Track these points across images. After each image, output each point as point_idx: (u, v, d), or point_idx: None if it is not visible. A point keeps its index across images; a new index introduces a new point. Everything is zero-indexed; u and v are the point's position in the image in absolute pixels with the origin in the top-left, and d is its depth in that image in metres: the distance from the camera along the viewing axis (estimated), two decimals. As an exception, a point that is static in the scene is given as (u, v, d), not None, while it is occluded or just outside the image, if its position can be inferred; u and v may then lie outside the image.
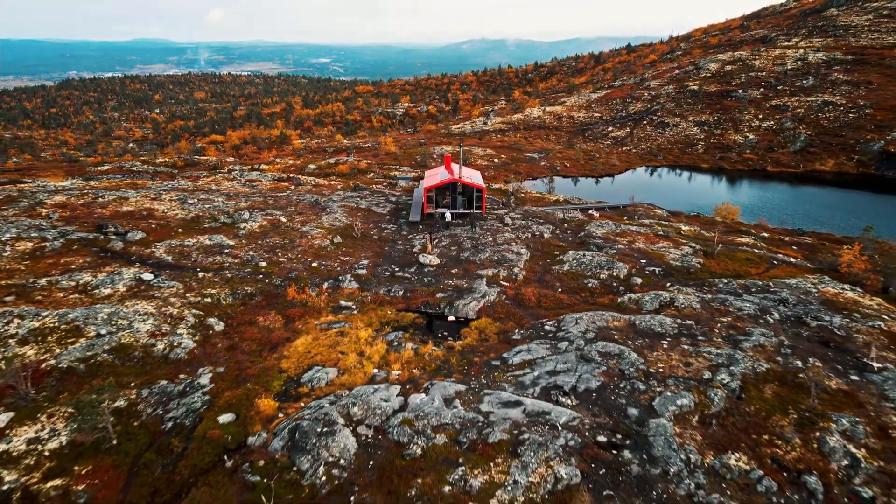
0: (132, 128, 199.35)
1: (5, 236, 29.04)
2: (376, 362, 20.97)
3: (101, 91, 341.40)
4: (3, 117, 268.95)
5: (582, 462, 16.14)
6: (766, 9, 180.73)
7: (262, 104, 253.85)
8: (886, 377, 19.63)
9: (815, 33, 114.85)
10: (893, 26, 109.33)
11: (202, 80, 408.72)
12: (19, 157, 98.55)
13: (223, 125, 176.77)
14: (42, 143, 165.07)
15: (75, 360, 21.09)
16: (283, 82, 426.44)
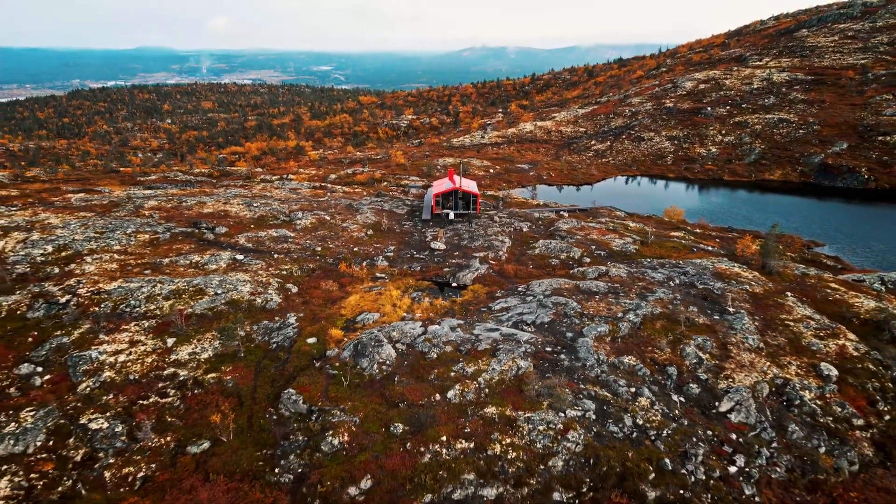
0: (147, 138, 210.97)
1: (129, 230, 40.05)
2: (404, 309, 31.86)
3: (111, 101, 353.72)
4: (19, 127, 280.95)
5: (534, 360, 27.03)
6: (749, 26, 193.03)
7: (269, 114, 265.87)
8: (735, 317, 30.54)
9: (784, 53, 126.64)
10: (856, 47, 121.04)
11: (208, 90, 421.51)
12: (56, 168, 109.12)
13: (236, 136, 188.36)
14: (65, 152, 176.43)
15: (205, 309, 32.00)
16: (287, 92, 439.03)
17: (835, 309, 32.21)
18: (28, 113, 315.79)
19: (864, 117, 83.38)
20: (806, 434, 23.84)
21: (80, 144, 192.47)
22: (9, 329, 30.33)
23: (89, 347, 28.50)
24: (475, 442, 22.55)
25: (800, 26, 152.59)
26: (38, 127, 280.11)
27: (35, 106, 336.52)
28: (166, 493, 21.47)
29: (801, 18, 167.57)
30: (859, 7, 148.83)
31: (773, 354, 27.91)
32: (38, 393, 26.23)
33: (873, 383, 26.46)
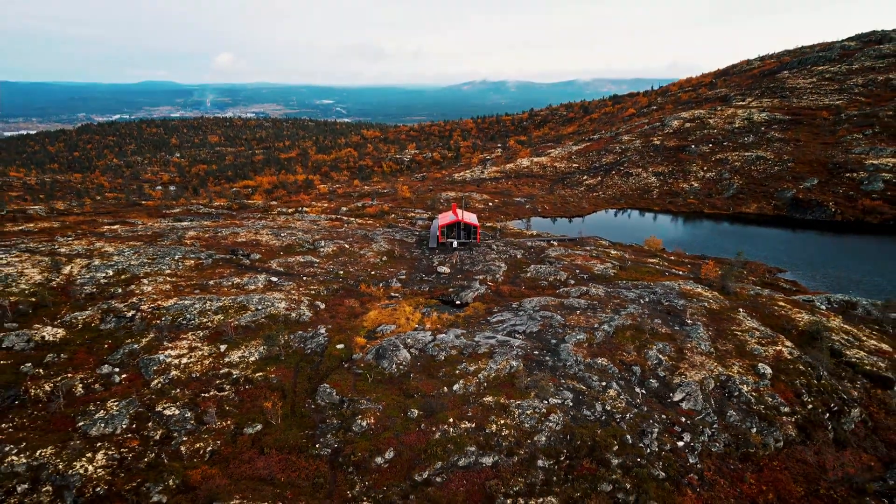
0: (158, 171, 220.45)
1: (176, 256, 46.95)
2: (416, 322, 38.37)
3: (120, 135, 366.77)
4: (31, 160, 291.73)
5: (524, 360, 33.42)
6: (737, 65, 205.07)
7: (275, 148, 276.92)
8: (693, 328, 37.03)
9: (766, 94, 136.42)
10: (832, 88, 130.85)
11: (214, 124, 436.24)
12: (83, 201, 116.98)
13: (244, 169, 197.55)
14: (80, 186, 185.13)
15: (248, 322, 38.53)
16: (292, 125, 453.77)
17: (778, 322, 38.75)
18: (39, 147, 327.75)
19: (834, 155, 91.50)
20: (741, 418, 30.06)
21: (93, 178, 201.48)
22: (87, 338, 36.82)
23: (156, 352, 34.92)
24: (476, 423, 28.78)
25: (782, 67, 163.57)
26: (49, 160, 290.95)
27: (46, 140, 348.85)
28: (230, 462, 27.63)
29: (785, 60, 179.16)
30: (837, 50, 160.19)
31: (721, 357, 34.33)
32: (118, 388, 32.55)
33: (801, 380, 32.77)
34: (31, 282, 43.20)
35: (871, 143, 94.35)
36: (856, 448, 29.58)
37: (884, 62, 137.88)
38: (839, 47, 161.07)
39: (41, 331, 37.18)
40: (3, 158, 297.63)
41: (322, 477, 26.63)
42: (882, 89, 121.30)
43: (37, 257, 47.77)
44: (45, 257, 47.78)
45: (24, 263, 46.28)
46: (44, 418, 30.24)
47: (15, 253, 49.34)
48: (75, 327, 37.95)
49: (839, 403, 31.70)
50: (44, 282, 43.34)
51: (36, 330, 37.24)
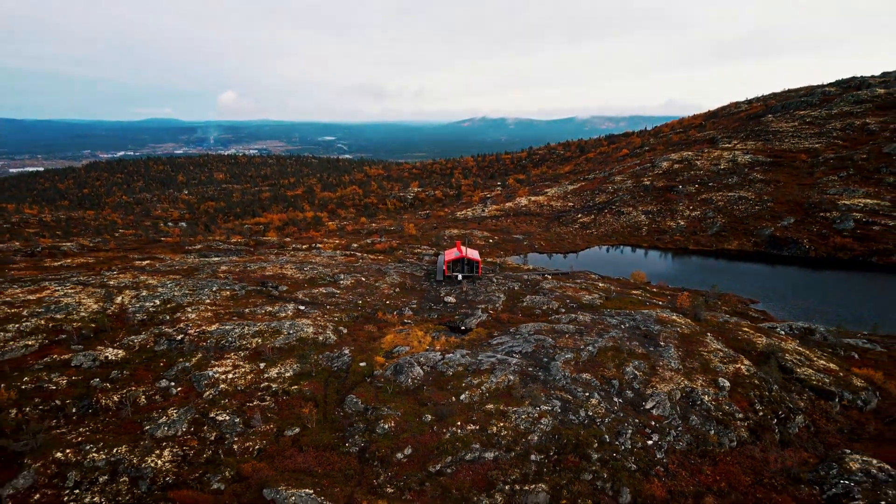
0: (168, 208, 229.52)
1: (213, 288, 53.87)
2: (427, 344, 44.86)
3: (127, 172, 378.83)
4: (41, 197, 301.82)
5: (519, 375, 39.82)
6: (726, 107, 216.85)
7: (281, 185, 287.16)
8: (665, 349, 43.53)
9: (750, 137, 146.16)
10: (812, 132, 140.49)
11: (219, 161, 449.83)
12: (107, 238, 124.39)
13: (252, 206, 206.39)
14: (94, 223, 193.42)
15: (282, 344, 45.04)
16: (295, 163, 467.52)
17: (740, 344, 45.31)
18: (49, 184, 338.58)
19: (810, 196, 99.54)
20: (702, 422, 36.28)
21: (105, 215, 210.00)
22: (144, 357, 43.28)
23: (205, 369, 41.36)
24: (479, 425, 35.03)
25: (767, 111, 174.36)
26: (59, 197, 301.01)
27: (55, 177, 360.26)
28: (275, 458, 33.79)
29: (771, 103, 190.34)
30: (819, 95, 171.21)
31: (688, 373, 40.75)
32: (175, 399, 38.87)
33: (755, 392, 39.10)
34: (89, 310, 49.94)
35: (845, 184, 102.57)
36: (797, 447, 35.70)
37: (861, 107, 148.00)
38: (820, 92, 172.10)
39: (104, 352, 43.67)
40: (15, 195, 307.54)
41: (352, 469, 32.70)
42: (858, 133, 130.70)
43: (90, 289, 54.66)
44: (97, 289, 54.68)
45: (80, 294, 53.12)
46: (115, 423, 36.42)
47: (69, 285, 56.26)
48: (133, 349, 44.48)
49: (786, 411, 37.98)
50: (100, 310, 50.08)
51: (99, 351, 43.74)
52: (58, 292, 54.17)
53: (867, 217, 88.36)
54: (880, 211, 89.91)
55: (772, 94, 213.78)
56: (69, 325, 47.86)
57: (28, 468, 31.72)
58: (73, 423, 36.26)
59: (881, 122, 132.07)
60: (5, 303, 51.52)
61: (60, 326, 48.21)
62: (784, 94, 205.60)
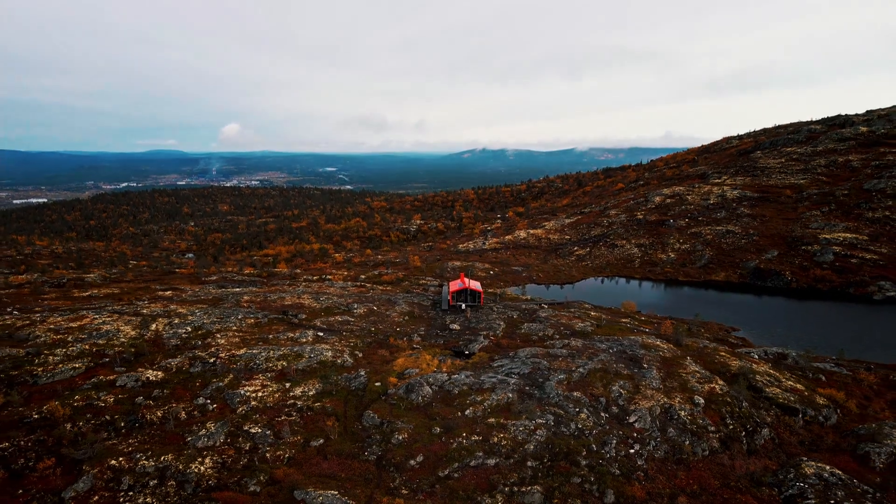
0: (175, 240, 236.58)
1: (239, 316, 59.64)
2: (434, 366, 50.33)
3: (133, 204, 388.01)
4: (49, 229, 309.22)
5: (518, 393, 45.24)
6: (718, 143, 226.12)
7: (284, 216, 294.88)
8: (648, 370, 48.98)
9: (739, 172, 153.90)
10: (798, 168, 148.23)
11: (223, 193, 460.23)
12: (118, 269, 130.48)
13: (258, 238, 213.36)
14: (104, 254, 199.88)
15: (305, 366, 50.52)
16: (298, 194, 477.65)
17: (716, 367, 50.80)
18: (56, 216, 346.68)
19: (793, 230, 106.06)
20: (678, 434, 41.53)
21: (114, 246, 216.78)
22: (181, 378, 48.70)
23: (237, 388, 46.77)
24: (482, 437, 40.29)
25: (756, 147, 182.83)
26: (66, 229, 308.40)
27: (62, 209, 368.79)
28: (303, 465, 38.97)
29: (761, 139, 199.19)
30: (805, 132, 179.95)
31: (667, 391, 46.14)
32: (212, 414, 44.20)
33: (726, 408, 44.42)
34: (128, 336, 55.60)
35: (826, 219, 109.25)
36: (762, 456, 40.86)
37: (845, 145, 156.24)
38: (807, 130, 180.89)
39: (145, 373, 49.14)
40: (23, 227, 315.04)
41: (371, 474, 37.88)
42: (841, 170, 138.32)
43: (126, 317, 60.41)
44: (132, 317, 60.43)
45: (117, 322, 58.86)
46: (160, 436, 41.69)
47: (106, 314, 62.04)
48: (170, 370, 49.95)
49: (753, 425, 43.24)
50: (138, 336, 55.74)
51: (141, 372, 49.22)
52: (97, 320, 59.90)
53: (846, 250, 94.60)
54: (858, 245, 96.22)
55: (762, 130, 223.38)
56: (111, 350, 53.43)
57: (87, 474, 36.87)
58: (123, 436, 41.51)
59: (863, 160, 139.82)
60: (51, 330, 57.25)
61: (103, 351, 53.76)
62: (774, 129, 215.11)
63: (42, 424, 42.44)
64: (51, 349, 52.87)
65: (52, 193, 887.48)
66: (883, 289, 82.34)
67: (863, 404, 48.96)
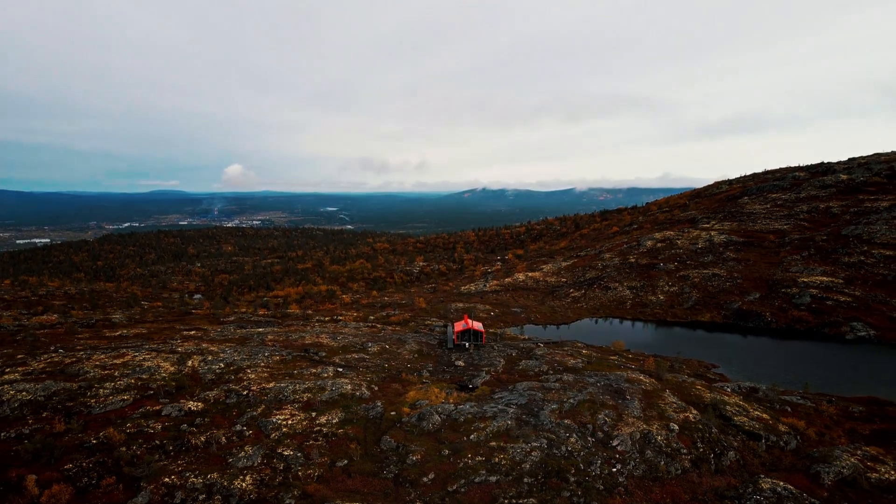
0: (183, 280, 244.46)
1: (265, 353, 67.00)
2: (443, 398, 57.35)
3: (139, 245, 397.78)
4: (58, 269, 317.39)
5: (516, 421, 52.28)
6: (709, 188, 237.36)
7: (289, 257, 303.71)
8: (630, 401, 56.02)
9: (727, 218, 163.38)
10: (782, 214, 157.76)
11: (227, 234, 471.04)
12: (136, 310, 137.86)
13: (266, 279, 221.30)
14: (115, 294, 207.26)
15: (327, 398, 57.55)
16: (301, 235, 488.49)
17: (692, 398, 57.88)
18: (64, 257, 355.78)
19: (774, 273, 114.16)
20: (655, 455, 48.36)
21: (125, 287, 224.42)
22: (219, 408, 55.67)
23: (269, 417, 53.75)
24: (485, 457, 47.17)
25: (743, 193, 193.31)
26: (74, 270, 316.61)
27: (70, 250, 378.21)
28: (330, 482, 45.76)
29: (749, 185, 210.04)
30: (790, 179, 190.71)
31: (647, 419, 53.12)
32: (248, 439, 51.10)
33: (697, 434, 51.32)
34: (168, 371, 62.82)
35: (805, 263, 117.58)
36: (727, 475, 47.57)
37: (826, 192, 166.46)
38: (791, 177, 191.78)
39: (187, 404, 56.18)
40: (31, 268, 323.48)
41: (389, 489, 44.60)
42: (822, 216, 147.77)
43: (163, 355, 67.76)
44: (169, 354, 67.78)
45: (156, 359, 66.17)
46: (204, 457, 48.53)
47: (144, 352, 69.39)
48: (209, 402, 56.98)
49: (721, 448, 50.07)
50: (177, 371, 62.97)
51: (182, 403, 56.26)
52: (137, 357, 67.19)
53: (822, 293, 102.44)
54: (834, 287, 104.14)
55: (752, 176, 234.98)
56: (154, 384, 60.55)
57: (144, 489, 43.66)
58: (172, 457, 48.32)
59: (842, 206, 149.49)
60: (98, 366, 64.52)
61: (147, 384, 60.86)
62: (762, 175, 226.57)
63: (100, 448, 49.28)
64: (100, 383, 60.02)
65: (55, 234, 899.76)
66: (854, 329, 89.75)
67: (822, 432, 55.82)
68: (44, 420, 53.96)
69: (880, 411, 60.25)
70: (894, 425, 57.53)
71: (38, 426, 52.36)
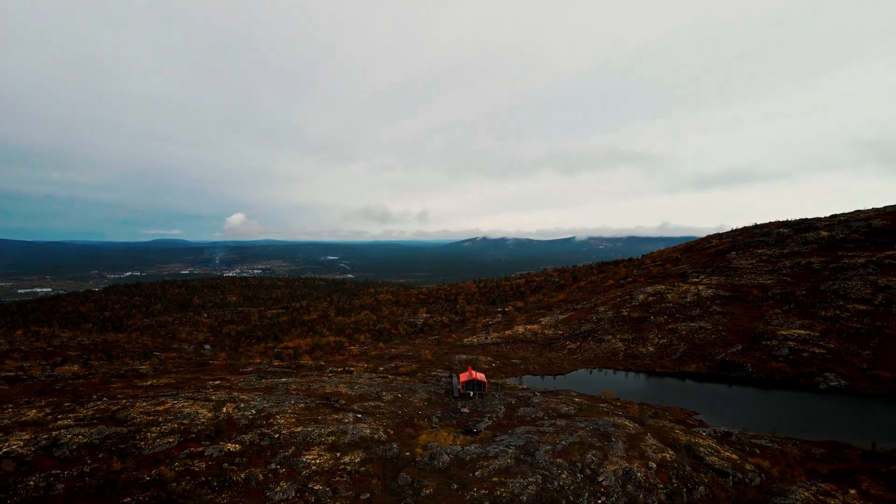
0: (191, 331, 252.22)
1: (291, 401, 75.69)
2: (450, 441, 65.70)
3: (145, 295, 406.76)
4: (66, 320, 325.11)
5: (514, 460, 60.67)
6: (700, 242, 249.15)
7: (293, 308, 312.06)
8: (616, 443, 64.43)
9: (715, 272, 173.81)
10: (766, 269, 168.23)
11: (231, 284, 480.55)
12: (149, 361, 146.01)
13: (274, 330, 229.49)
14: (127, 346, 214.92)
15: (349, 440, 65.94)
16: (303, 285, 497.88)
17: (670, 441, 66.32)
18: (71, 307, 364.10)
19: (756, 326, 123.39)
20: (635, 489, 56.55)
21: (135, 338, 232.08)
22: (255, 449, 63.98)
23: (300, 457, 62.10)
24: (488, 490, 55.44)
25: (732, 248, 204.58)
26: (82, 320, 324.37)
27: (77, 300, 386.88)
28: (356, 512, 54.00)
29: (738, 240, 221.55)
30: (774, 235, 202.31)
31: (629, 459, 61.48)
32: (282, 476, 59.37)
33: (672, 471, 59.60)
34: (206, 417, 71.41)
35: (786, 317, 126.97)
36: (697, 506, 55.65)
37: (808, 248, 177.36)
38: (776, 233, 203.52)
39: (226, 445, 64.60)
40: (39, 318, 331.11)
41: (407, 518, 52.78)
42: (803, 271, 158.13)
43: (200, 402, 76.42)
44: (205, 402, 76.44)
45: (194, 406, 74.81)
46: (245, 492, 56.76)
47: (182, 400, 78.04)
48: (245, 443, 65.37)
49: (693, 484, 58.26)
50: (214, 417, 71.54)
51: (222, 445, 64.68)
52: (177, 405, 75.78)
53: (799, 345, 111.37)
54: (810, 340, 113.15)
55: (742, 230, 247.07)
56: (195, 428, 69.00)
57: (197, 518, 51.87)
58: (217, 492, 56.54)
59: (822, 262, 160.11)
60: (142, 412, 73.12)
61: (189, 429, 69.30)
62: (751, 229, 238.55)
63: (154, 484, 57.56)
64: (147, 427, 68.54)
65: (56, 283, 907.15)
66: (827, 379, 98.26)
67: (784, 471, 64.01)
68: (101, 460, 62.40)
69: (839, 453, 68.50)
70: (850, 465, 65.76)
71: (96, 465, 60.81)
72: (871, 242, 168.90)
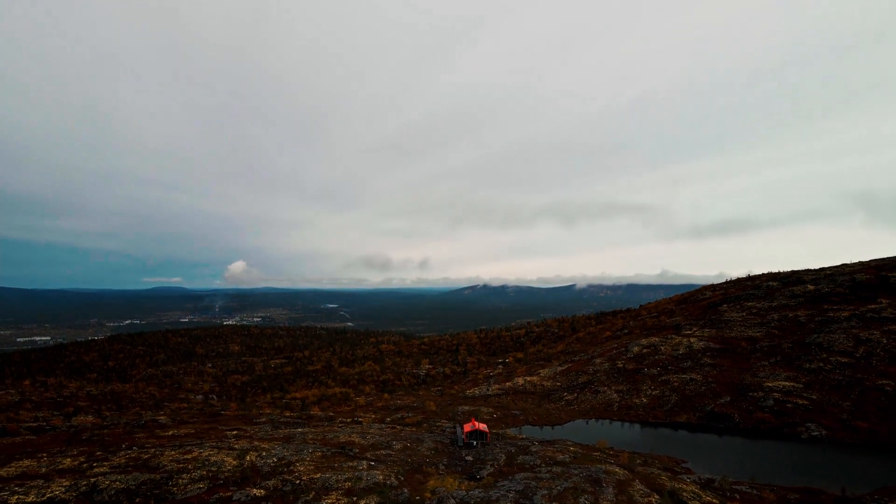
0: (197, 381, 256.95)
1: (309, 450, 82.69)
2: (456, 486, 72.50)
3: (148, 345, 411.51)
4: (70, 369, 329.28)
5: (514, 503, 67.45)
6: (694, 294, 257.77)
7: (296, 357, 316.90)
8: (606, 488, 71.24)
9: (707, 325, 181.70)
10: (755, 321, 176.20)
11: (234, 333, 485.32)
12: (162, 411, 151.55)
13: (279, 380, 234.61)
14: (135, 395, 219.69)
15: (364, 485, 72.76)
16: (305, 334, 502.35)
17: (655, 486, 73.17)
18: (75, 357, 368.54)
19: (744, 378, 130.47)
20: (622, 530, 63.22)
21: (142, 388, 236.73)
22: (279, 493, 70.67)
23: (320, 501, 68.84)
24: (491, 531, 62.24)
25: (724, 300, 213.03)
26: (86, 370, 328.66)
27: (80, 350, 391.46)
28: (372, 551, 60.76)
29: (731, 292, 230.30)
30: (764, 289, 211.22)
31: (618, 502, 68.26)
32: (305, 518, 66.06)
33: (657, 514, 66.33)
34: (231, 465, 78.34)
35: (772, 369, 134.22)
36: (679, 546, 62.19)
37: (795, 301, 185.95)
38: (766, 286, 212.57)
39: (252, 491, 71.43)
40: (43, 368, 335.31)
41: (419, 556, 59.48)
42: (790, 324, 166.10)
43: (224, 451, 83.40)
44: (229, 450, 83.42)
45: (220, 454, 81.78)
46: (273, 532, 63.51)
47: (207, 448, 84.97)
48: (269, 489, 72.14)
49: (675, 525, 64.91)
50: (238, 465, 78.49)
51: (248, 490, 71.51)
52: (203, 453, 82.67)
53: (784, 397, 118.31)
54: (794, 392, 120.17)
55: (733, 282, 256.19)
56: (222, 475, 75.79)
57: (230, 556, 58.61)
58: (247, 532, 63.28)
59: (808, 315, 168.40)
60: (172, 460, 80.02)
61: (216, 475, 76.10)
62: (744, 281, 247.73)
63: (189, 525, 64.39)
64: (178, 474, 75.42)
65: (55, 331, 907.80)
66: (809, 429, 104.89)
67: (760, 515, 70.57)
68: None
69: (813, 498, 75.15)
70: (821, 510, 72.39)
71: (136, 508, 67.64)
72: (854, 296, 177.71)
